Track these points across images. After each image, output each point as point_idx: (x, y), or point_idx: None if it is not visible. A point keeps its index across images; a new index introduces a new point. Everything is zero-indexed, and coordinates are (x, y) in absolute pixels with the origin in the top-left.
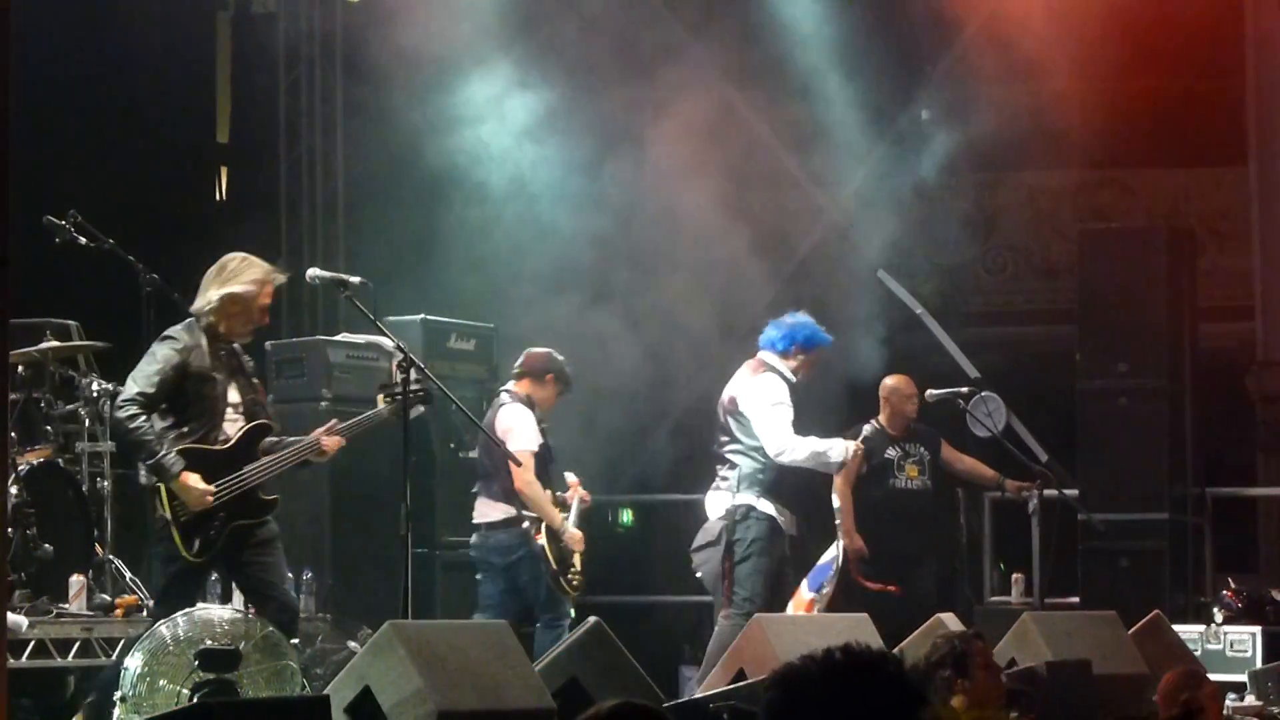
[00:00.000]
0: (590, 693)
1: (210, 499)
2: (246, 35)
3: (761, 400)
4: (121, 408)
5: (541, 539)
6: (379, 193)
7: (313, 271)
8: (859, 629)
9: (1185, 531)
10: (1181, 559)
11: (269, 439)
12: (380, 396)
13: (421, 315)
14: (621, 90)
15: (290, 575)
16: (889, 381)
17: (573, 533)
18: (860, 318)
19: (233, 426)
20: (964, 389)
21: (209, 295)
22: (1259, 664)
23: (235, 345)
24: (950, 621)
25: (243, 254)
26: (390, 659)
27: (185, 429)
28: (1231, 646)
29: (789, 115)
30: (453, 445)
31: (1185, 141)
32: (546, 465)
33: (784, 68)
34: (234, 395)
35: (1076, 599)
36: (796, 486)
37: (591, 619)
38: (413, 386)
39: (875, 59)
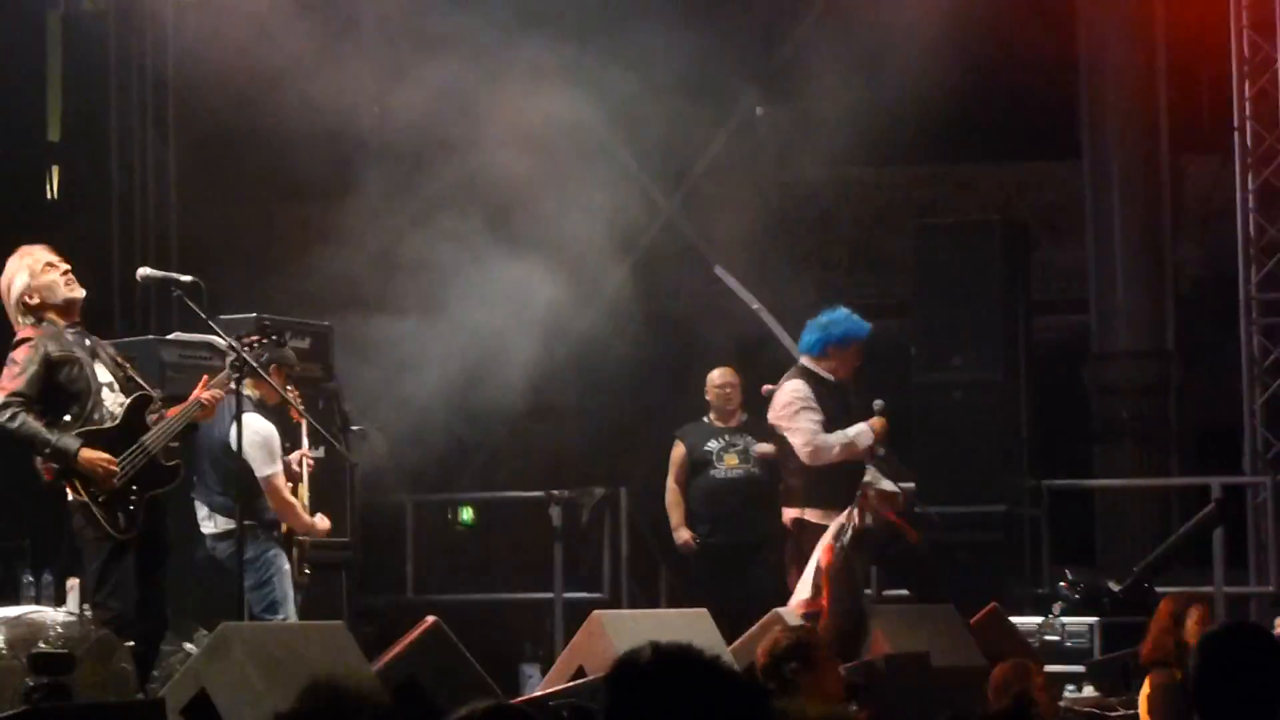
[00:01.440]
0: (429, 692)
1: (116, 468)
2: (77, 33)
3: (782, 411)
4: (1, 415)
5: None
6: (212, 191)
7: (143, 271)
8: (698, 624)
9: (1022, 523)
10: (1018, 551)
11: (154, 409)
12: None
13: (255, 314)
14: (454, 84)
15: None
16: (709, 375)
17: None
18: (698, 313)
19: (114, 403)
20: None
21: (11, 302)
22: (1097, 655)
23: (84, 329)
24: (788, 615)
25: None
26: (226, 661)
27: (67, 416)
28: (1069, 638)
29: (624, 109)
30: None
31: (1019, 136)
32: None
33: (618, 60)
34: (104, 374)
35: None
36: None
37: (430, 618)
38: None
39: (711, 52)
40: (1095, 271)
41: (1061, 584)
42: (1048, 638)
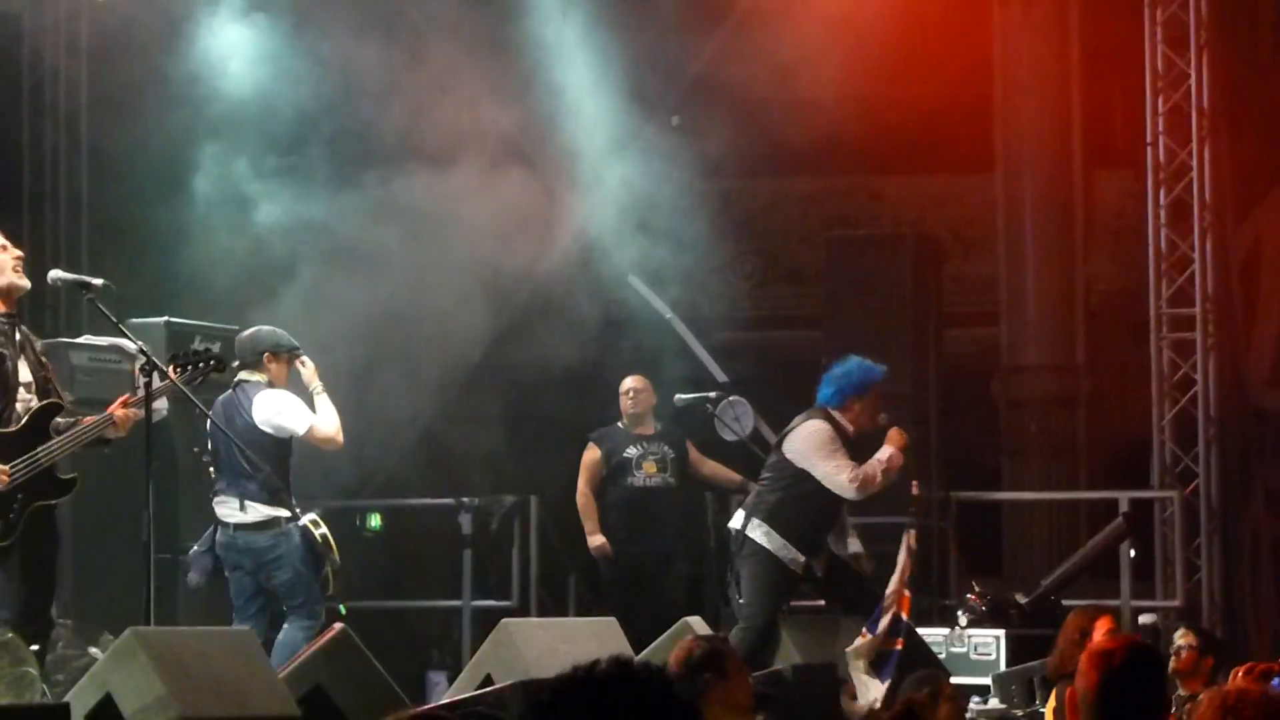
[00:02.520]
0: (335, 699)
1: (5, 478)
2: None
3: (813, 448)
4: None
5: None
6: (123, 193)
7: (54, 273)
8: (607, 633)
9: (930, 535)
10: (926, 562)
11: (60, 418)
12: (171, 367)
13: (165, 317)
14: (371, 91)
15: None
16: (622, 382)
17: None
18: (611, 321)
19: (26, 405)
20: (712, 393)
21: None
22: (1003, 667)
23: (20, 325)
24: (697, 625)
25: None
26: (132, 666)
27: None
28: (976, 650)
29: (538, 117)
30: (196, 449)
31: (932, 149)
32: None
33: (533, 68)
34: (25, 373)
35: (822, 601)
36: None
37: (337, 625)
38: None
39: (626, 61)
40: (1006, 285)
41: (968, 596)
42: (954, 649)
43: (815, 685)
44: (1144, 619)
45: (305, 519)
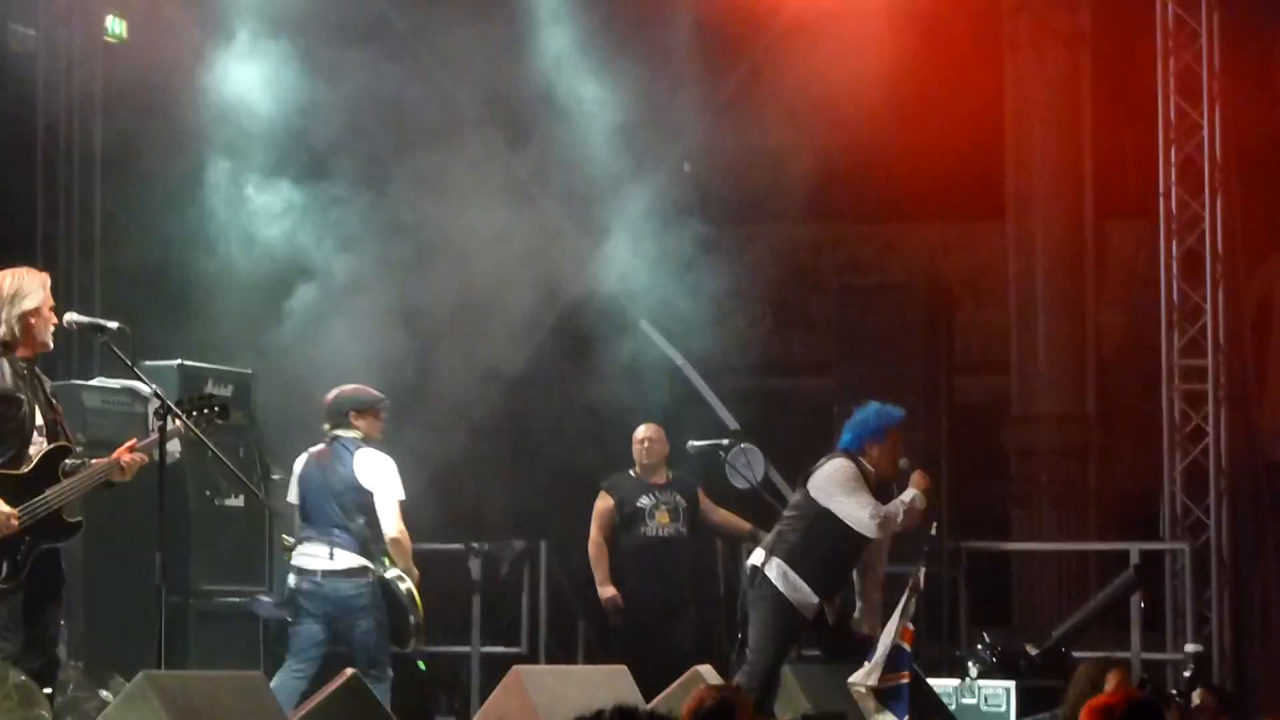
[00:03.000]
0: None
1: (15, 522)
2: (4, 73)
3: (834, 485)
4: None
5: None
6: (137, 236)
7: (70, 316)
8: (617, 680)
9: (940, 584)
10: (936, 612)
11: (69, 460)
12: (171, 417)
13: (179, 360)
14: (381, 136)
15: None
16: (635, 431)
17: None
18: (623, 368)
19: (36, 449)
20: (724, 440)
21: (2, 314)
22: (1013, 718)
23: (35, 366)
24: (708, 674)
25: (10, 269)
26: (144, 709)
27: None
28: (986, 700)
29: (552, 163)
30: (209, 493)
31: (944, 196)
32: None
33: (545, 117)
34: (39, 417)
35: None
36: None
37: (348, 670)
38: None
39: (640, 108)
40: (1017, 334)
41: (979, 646)
42: (964, 700)
43: None
44: (1189, 648)
45: (389, 574)
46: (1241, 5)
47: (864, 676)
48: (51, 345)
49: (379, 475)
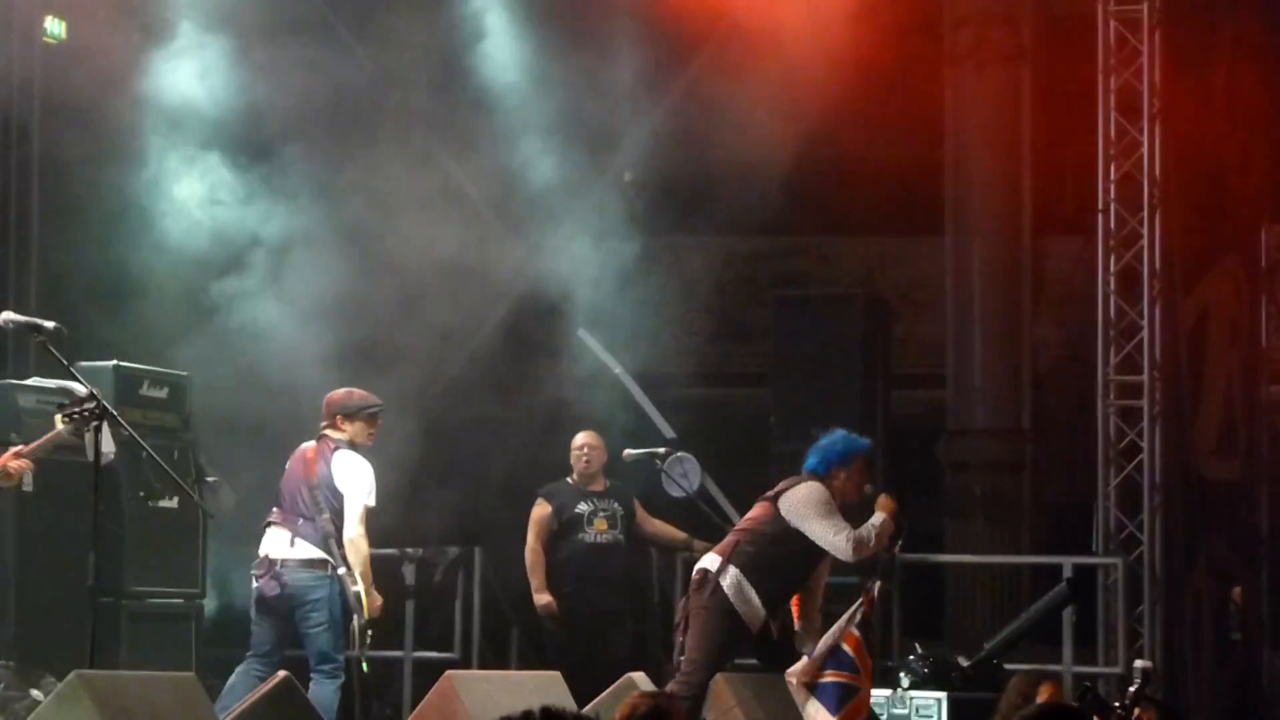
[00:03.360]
0: None
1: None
2: None
3: (806, 506)
4: None
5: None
6: (74, 237)
7: (5, 315)
8: (551, 687)
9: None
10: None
11: None
12: (59, 417)
13: (114, 361)
14: (324, 141)
15: None
16: (573, 438)
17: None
18: (560, 376)
19: None
20: (660, 449)
21: None
22: None
23: None
24: (641, 681)
25: None
26: (76, 709)
27: None
28: (918, 712)
29: (490, 172)
30: (143, 494)
31: (883, 210)
32: None
33: (485, 123)
34: None
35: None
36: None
37: (281, 673)
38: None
39: (578, 117)
40: (954, 348)
41: (911, 657)
42: (895, 711)
43: None
44: (1138, 663)
45: (341, 571)
46: (1183, 24)
47: (800, 670)
48: None
49: (352, 478)
